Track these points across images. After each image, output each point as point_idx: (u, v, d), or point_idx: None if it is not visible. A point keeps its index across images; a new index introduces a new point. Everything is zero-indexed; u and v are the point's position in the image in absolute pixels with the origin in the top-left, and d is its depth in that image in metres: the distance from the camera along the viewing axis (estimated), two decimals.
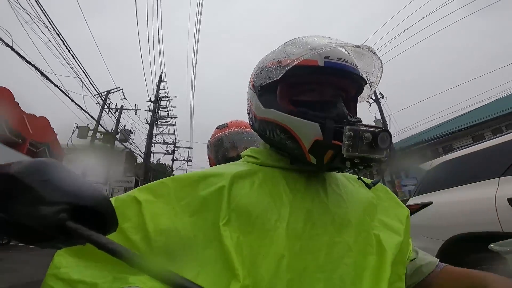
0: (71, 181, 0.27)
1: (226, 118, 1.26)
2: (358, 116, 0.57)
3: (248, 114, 0.62)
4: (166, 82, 16.26)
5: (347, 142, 0.45)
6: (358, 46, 0.53)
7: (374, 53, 0.56)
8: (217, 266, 0.41)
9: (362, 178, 0.54)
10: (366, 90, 0.59)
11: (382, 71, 0.58)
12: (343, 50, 0.55)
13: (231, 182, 0.49)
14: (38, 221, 0.24)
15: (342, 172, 0.54)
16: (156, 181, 0.51)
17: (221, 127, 1.21)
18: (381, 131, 0.45)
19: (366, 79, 0.57)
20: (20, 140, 7.71)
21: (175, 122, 17.26)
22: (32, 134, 8.22)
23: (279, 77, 0.52)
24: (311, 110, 0.51)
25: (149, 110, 15.27)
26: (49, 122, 9.74)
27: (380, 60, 0.57)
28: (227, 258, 0.41)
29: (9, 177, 0.25)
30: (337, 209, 0.52)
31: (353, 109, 0.58)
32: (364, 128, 0.45)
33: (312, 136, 0.48)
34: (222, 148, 1.14)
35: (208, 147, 1.23)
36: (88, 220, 0.26)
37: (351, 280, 0.45)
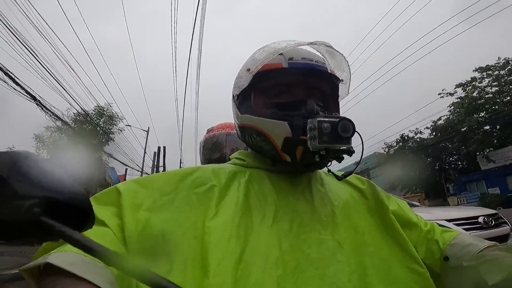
0: (48, 175, 0.25)
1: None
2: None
3: (234, 125, 0.65)
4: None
5: (309, 134, 0.46)
6: (313, 43, 0.54)
7: (331, 47, 0.55)
8: (193, 263, 0.40)
9: (332, 171, 0.57)
10: (343, 87, 0.60)
11: (348, 65, 0.58)
12: (312, 50, 0.57)
13: (221, 182, 0.50)
14: (9, 216, 0.22)
15: (320, 168, 0.56)
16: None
17: (208, 131, 1.26)
18: (341, 120, 0.46)
19: (336, 75, 0.57)
20: None
21: None
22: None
23: (247, 84, 0.55)
24: (283, 110, 0.52)
25: None
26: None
27: (342, 54, 0.57)
28: (205, 256, 0.40)
29: None
30: (323, 207, 0.53)
31: (333, 107, 0.58)
32: (323, 119, 0.46)
33: (282, 134, 0.50)
34: (207, 150, 1.19)
35: (199, 151, 1.28)
36: (65, 216, 0.24)
37: (346, 276, 0.44)
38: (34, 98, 7.45)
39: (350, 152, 0.48)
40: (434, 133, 16.37)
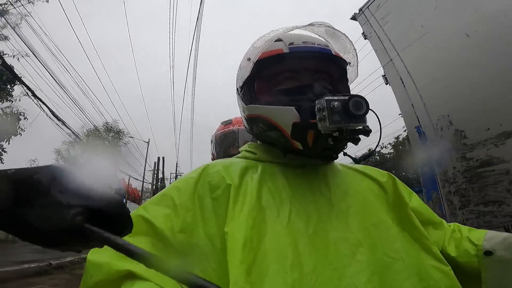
0: (86, 185, 0.27)
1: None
2: None
3: (242, 118, 0.63)
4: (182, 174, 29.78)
5: (318, 116, 0.44)
6: (311, 24, 0.53)
7: (332, 27, 0.54)
8: (220, 275, 0.40)
9: (347, 153, 0.53)
10: (351, 69, 0.58)
11: (353, 45, 0.56)
12: (313, 34, 0.56)
13: (234, 180, 0.47)
14: (55, 225, 0.24)
15: (337, 153, 0.52)
16: (158, 194, 0.49)
17: (225, 123, 1.21)
18: (352, 96, 0.43)
19: (342, 58, 0.55)
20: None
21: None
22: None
23: (248, 73, 0.53)
24: (289, 96, 0.50)
25: None
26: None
27: (344, 34, 0.55)
28: (227, 263, 0.40)
29: (26, 182, 0.25)
30: (341, 203, 0.49)
31: (343, 91, 0.55)
32: (331, 98, 0.43)
33: (290, 120, 0.47)
34: (224, 144, 1.14)
35: (211, 142, 1.22)
36: (104, 222, 0.26)
37: (366, 277, 0.42)
38: (58, 118, 8.99)
39: (367, 132, 0.45)
40: (393, 149, 18.41)
